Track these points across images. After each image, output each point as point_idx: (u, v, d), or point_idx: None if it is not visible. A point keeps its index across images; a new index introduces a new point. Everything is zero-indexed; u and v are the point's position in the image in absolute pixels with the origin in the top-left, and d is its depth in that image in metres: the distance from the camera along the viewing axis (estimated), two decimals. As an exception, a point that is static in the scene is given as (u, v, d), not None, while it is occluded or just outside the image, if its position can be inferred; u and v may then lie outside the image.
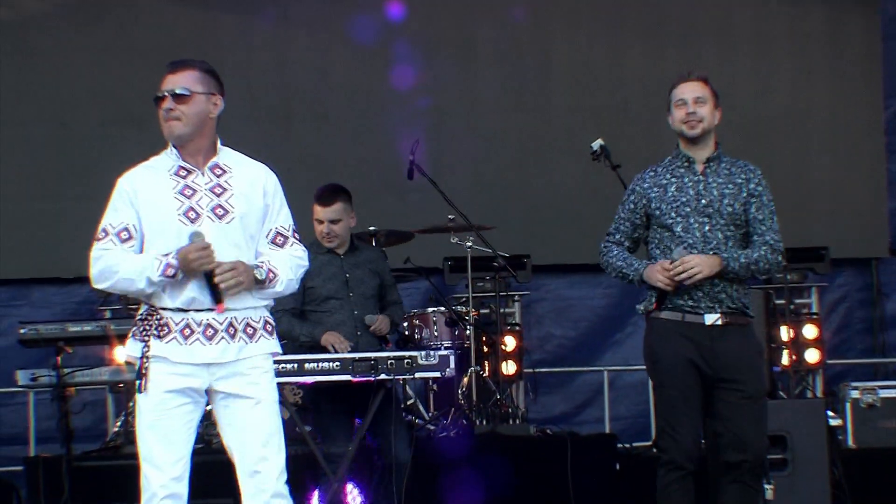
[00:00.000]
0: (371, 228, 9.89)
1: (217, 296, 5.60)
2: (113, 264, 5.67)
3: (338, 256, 8.98)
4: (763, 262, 6.96)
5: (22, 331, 9.58)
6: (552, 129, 12.11)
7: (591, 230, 11.86)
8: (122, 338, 9.47)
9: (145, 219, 5.72)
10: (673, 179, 7.05)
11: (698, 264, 6.80)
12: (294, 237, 5.90)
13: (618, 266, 7.18)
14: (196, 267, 5.55)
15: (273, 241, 5.85)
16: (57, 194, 11.76)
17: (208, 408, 5.89)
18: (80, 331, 9.54)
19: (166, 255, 5.57)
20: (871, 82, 12.52)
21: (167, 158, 5.81)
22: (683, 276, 6.80)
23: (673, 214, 7.00)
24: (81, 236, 9.76)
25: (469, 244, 10.55)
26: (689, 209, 6.99)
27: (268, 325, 5.83)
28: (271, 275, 5.71)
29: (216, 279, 5.56)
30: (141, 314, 5.79)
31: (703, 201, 6.99)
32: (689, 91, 7.05)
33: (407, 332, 10.19)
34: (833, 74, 12.47)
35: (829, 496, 9.10)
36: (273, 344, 5.85)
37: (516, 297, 11.66)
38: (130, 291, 5.80)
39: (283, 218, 5.89)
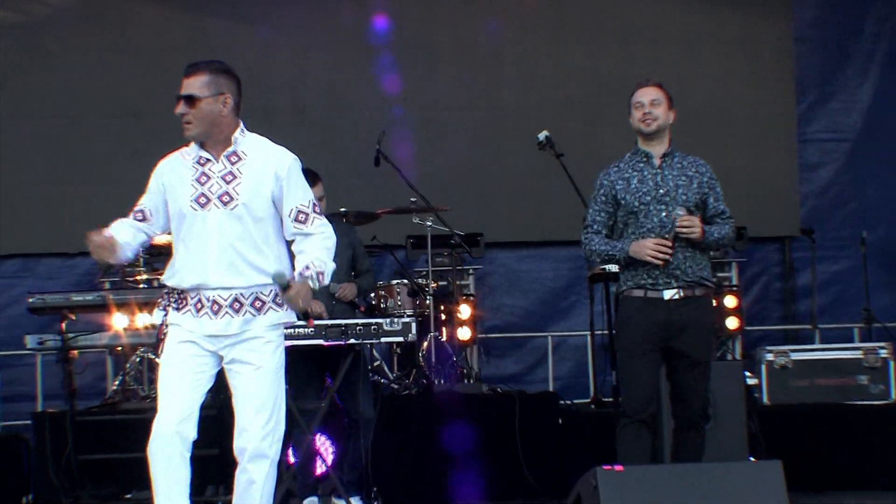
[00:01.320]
0: (342, 210, 9.84)
1: (301, 317, 5.80)
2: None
3: None
4: (727, 236, 7.34)
5: (30, 300, 9.51)
6: (503, 122, 12.08)
7: (537, 211, 11.93)
8: (120, 306, 9.47)
9: (170, 201, 5.84)
10: (634, 173, 7.24)
11: (697, 224, 7.03)
12: (314, 212, 5.90)
13: (602, 250, 7.29)
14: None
15: (296, 220, 5.83)
16: (63, 179, 11.71)
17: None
18: (83, 300, 9.47)
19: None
20: (785, 81, 12.53)
21: (192, 149, 5.86)
22: (685, 230, 7.02)
23: (636, 203, 7.19)
24: (85, 216, 9.78)
25: (429, 224, 10.55)
26: (649, 198, 7.19)
27: (278, 298, 5.81)
28: (321, 276, 5.76)
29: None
30: (165, 290, 5.89)
31: (661, 191, 7.20)
32: (646, 95, 7.37)
33: (374, 302, 10.15)
34: (750, 74, 12.48)
35: (746, 446, 9.11)
36: (282, 315, 5.86)
37: (471, 271, 11.63)
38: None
39: (301, 196, 5.88)
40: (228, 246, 5.75)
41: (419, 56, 12.19)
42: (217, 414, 7.67)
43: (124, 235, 5.79)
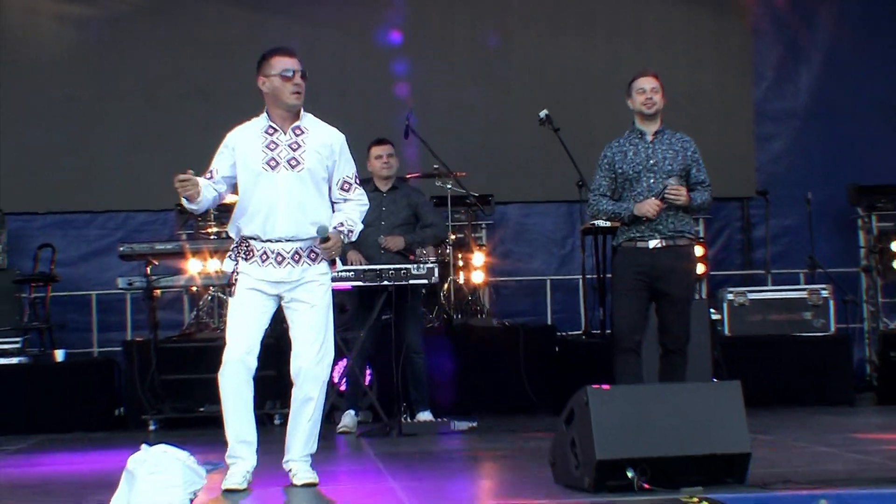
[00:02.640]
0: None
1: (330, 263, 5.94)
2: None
3: (381, 193, 8.97)
4: (707, 201, 7.40)
5: (121, 248, 9.57)
6: (510, 102, 12.05)
7: (539, 175, 11.95)
8: (194, 254, 9.52)
9: (240, 164, 5.86)
10: (630, 147, 7.32)
11: (684, 193, 7.15)
12: (356, 183, 6.01)
13: (609, 210, 7.34)
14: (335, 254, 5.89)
15: (342, 188, 5.95)
16: (145, 149, 11.71)
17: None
18: (164, 248, 9.54)
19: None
20: (744, 67, 12.49)
21: (261, 120, 5.90)
22: (672, 196, 7.11)
23: (630, 171, 7.27)
24: (165, 180, 9.79)
25: (449, 186, 10.57)
26: (641, 167, 7.26)
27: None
28: (350, 234, 5.92)
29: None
30: (235, 242, 5.92)
31: (651, 161, 7.27)
32: (648, 82, 7.35)
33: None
34: (716, 62, 12.45)
35: (710, 370, 9.16)
36: (327, 266, 5.93)
37: (483, 225, 11.65)
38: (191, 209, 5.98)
39: (348, 169, 6.00)
40: (294, 204, 5.81)
41: (439, 50, 12.17)
42: (275, 343, 7.74)
43: (201, 185, 5.82)
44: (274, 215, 5.79)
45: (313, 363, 5.83)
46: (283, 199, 5.80)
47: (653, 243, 7.21)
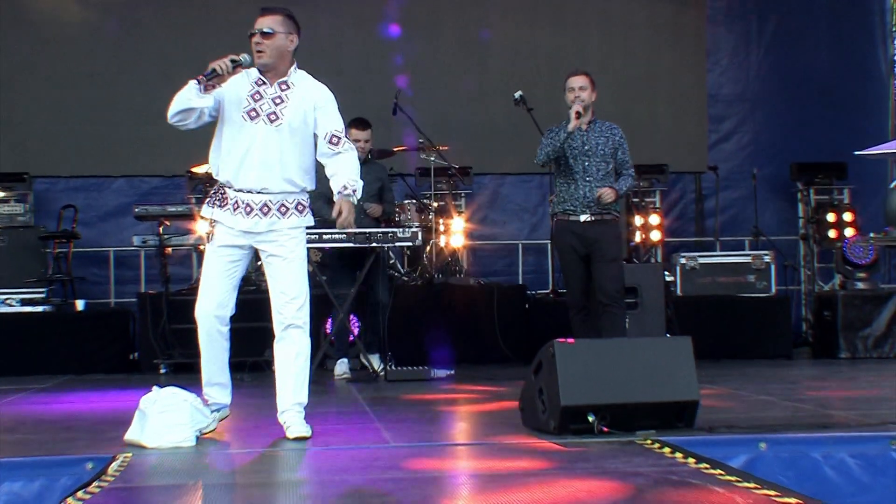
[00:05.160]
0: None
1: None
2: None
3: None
4: (631, 186, 7.67)
5: (136, 210, 9.56)
6: (488, 83, 12.00)
7: (513, 149, 11.88)
8: (202, 215, 9.46)
9: (225, 107, 5.53)
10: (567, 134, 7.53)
11: (611, 193, 7.46)
12: (345, 137, 5.60)
13: (548, 143, 7.55)
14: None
15: (330, 141, 5.53)
16: (160, 120, 11.42)
17: (259, 263, 5.80)
18: (175, 210, 9.52)
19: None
20: (699, 54, 12.45)
21: (254, 71, 5.56)
22: (607, 198, 7.46)
23: (568, 154, 7.53)
24: (177, 148, 9.73)
25: (432, 158, 10.55)
26: (577, 152, 7.54)
27: (299, 206, 5.58)
28: (355, 192, 5.48)
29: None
30: (213, 189, 5.63)
31: (586, 147, 7.55)
32: (576, 81, 7.59)
33: (396, 219, 10.17)
34: (674, 49, 12.40)
35: (664, 326, 9.19)
36: (302, 220, 5.59)
37: (462, 194, 11.62)
38: (178, 106, 5.54)
39: (335, 123, 5.58)
40: (267, 157, 5.46)
41: (426, 37, 12.09)
42: (267, 295, 7.70)
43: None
44: (246, 165, 5.45)
45: (292, 315, 5.50)
46: (258, 151, 5.45)
47: (583, 217, 7.50)
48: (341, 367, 8.84)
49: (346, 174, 5.53)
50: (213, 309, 5.53)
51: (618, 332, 7.35)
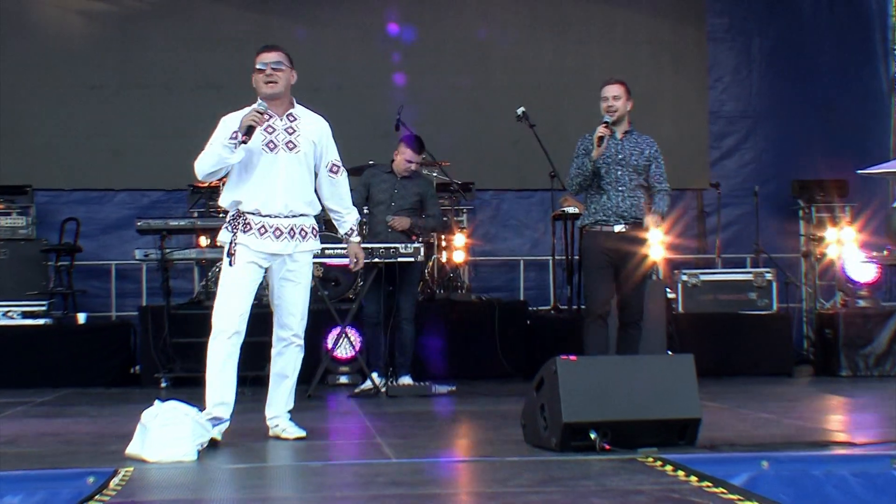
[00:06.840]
0: (370, 162, 9.83)
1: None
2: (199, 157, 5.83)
3: (396, 178, 8.92)
4: (666, 206, 7.50)
5: (138, 223, 9.52)
6: (490, 99, 12.02)
7: (515, 165, 11.93)
8: (205, 230, 9.48)
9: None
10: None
11: (658, 222, 7.36)
12: (343, 166, 6.10)
13: (575, 171, 7.46)
14: None
15: (331, 171, 6.04)
16: (162, 134, 11.66)
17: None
18: (177, 224, 9.49)
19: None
20: (701, 72, 12.50)
21: (258, 106, 5.83)
22: (654, 227, 7.34)
23: (600, 162, 7.40)
24: (179, 162, 9.75)
25: (434, 174, 10.56)
26: (611, 160, 7.41)
27: (314, 230, 5.98)
28: (362, 227, 6.08)
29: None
30: (231, 215, 5.86)
31: (620, 156, 7.43)
32: (609, 90, 7.46)
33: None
34: (676, 67, 12.43)
35: (665, 343, 9.19)
36: (316, 243, 6.01)
37: (465, 210, 11.62)
38: (215, 166, 5.77)
39: (335, 153, 6.09)
40: (291, 183, 5.85)
41: (428, 52, 12.10)
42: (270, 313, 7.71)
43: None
44: (274, 193, 5.79)
45: (296, 335, 5.97)
46: (283, 179, 5.82)
47: (618, 228, 7.36)
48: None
49: (349, 215, 6.18)
50: (235, 325, 5.71)
51: (632, 352, 7.33)
